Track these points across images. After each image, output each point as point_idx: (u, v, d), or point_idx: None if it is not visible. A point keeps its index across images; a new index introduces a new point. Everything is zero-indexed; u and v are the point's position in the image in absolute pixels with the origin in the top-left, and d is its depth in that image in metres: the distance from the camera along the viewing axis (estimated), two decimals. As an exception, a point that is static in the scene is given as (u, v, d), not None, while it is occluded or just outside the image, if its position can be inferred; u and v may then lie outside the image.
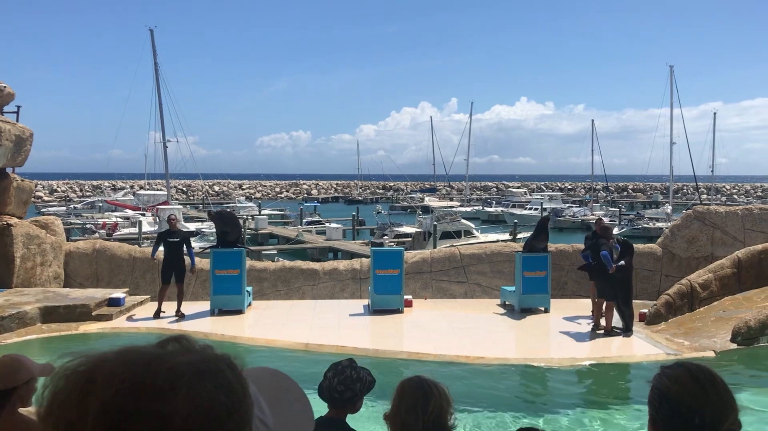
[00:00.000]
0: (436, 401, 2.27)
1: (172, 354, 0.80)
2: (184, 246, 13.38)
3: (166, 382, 0.75)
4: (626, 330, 11.95)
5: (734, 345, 11.09)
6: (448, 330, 12.39)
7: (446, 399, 2.32)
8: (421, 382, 2.33)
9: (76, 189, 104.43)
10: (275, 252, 36.45)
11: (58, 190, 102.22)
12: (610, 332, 11.95)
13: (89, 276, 15.33)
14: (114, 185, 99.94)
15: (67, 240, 16.76)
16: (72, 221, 47.18)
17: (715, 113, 72.81)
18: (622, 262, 11.89)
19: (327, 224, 47.21)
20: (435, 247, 29.88)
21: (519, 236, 37.74)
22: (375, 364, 10.54)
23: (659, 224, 49.44)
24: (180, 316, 13.13)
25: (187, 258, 13.38)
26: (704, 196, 78.70)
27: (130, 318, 13.13)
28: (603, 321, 12.12)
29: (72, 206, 64.28)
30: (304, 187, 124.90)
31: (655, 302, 13.45)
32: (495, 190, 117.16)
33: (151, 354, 0.79)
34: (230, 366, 0.83)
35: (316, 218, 53.72)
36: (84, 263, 15.37)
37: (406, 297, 14.09)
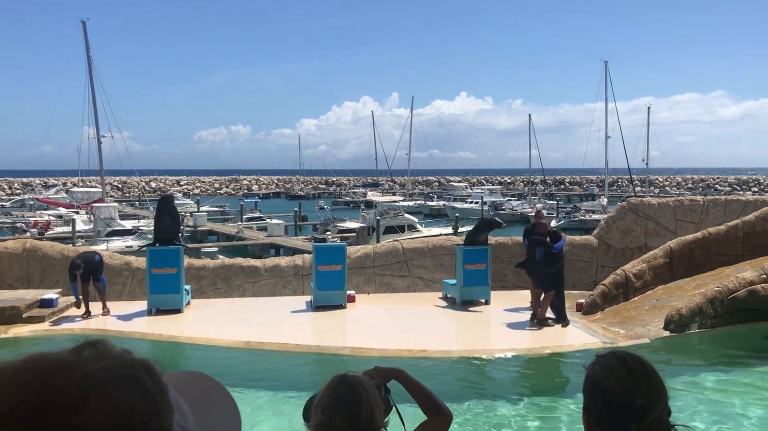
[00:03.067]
0: (366, 405, 2.25)
1: (85, 360, 0.74)
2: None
3: (77, 391, 0.69)
4: (561, 320, 12.22)
5: (667, 333, 11.47)
6: (391, 325, 12.42)
7: (375, 400, 2.30)
8: (349, 387, 2.29)
9: (5, 186, 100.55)
10: (215, 249, 35.86)
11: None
12: (543, 322, 12.20)
13: (20, 277, 14.76)
14: (45, 182, 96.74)
15: (-5, 240, 16.11)
16: (1, 220, 45.47)
17: (649, 107, 74.97)
18: (560, 242, 12.33)
19: (268, 220, 46.72)
20: (378, 242, 29.95)
21: (461, 230, 38.17)
22: (317, 361, 10.51)
23: (595, 216, 50.69)
24: (106, 313, 13.07)
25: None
26: (638, 188, 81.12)
27: (56, 323, 12.72)
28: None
29: (0, 205, 61.96)
30: (244, 182, 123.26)
31: (591, 292, 13.79)
32: (437, 184, 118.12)
33: (62, 361, 0.73)
34: (148, 372, 0.78)
35: (257, 214, 53.09)
36: (13, 263, 14.79)
37: (348, 292, 14.06)
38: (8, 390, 0.68)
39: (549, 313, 12.38)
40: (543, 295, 12.27)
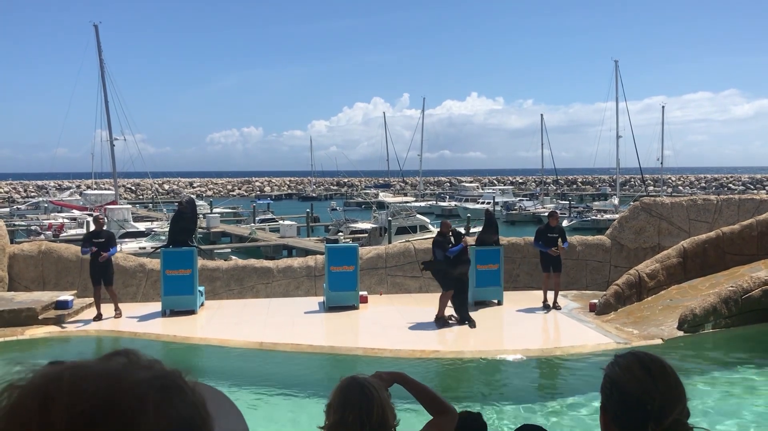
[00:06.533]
0: (377, 405, 2.27)
1: (128, 370, 0.74)
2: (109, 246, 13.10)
3: (132, 401, 0.70)
4: (464, 321, 12.29)
5: (681, 333, 11.41)
6: (404, 325, 12.42)
7: (386, 400, 2.32)
8: (360, 387, 2.30)
9: (20, 189, 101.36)
10: (228, 250, 36.03)
11: (1, 190, 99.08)
12: (443, 321, 12.25)
13: (35, 279, 14.88)
14: (59, 185, 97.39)
15: (11, 243, 16.25)
16: (16, 223, 45.90)
17: (663, 106, 74.68)
18: (458, 246, 12.31)
19: (280, 221, 46.85)
20: (390, 243, 29.95)
21: (472, 230, 38.11)
22: (331, 361, 10.53)
23: (607, 216, 50.47)
24: (118, 316, 13.02)
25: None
26: (650, 188, 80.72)
27: (71, 324, 12.81)
28: (450, 312, 12.49)
29: (15, 207, 62.51)
30: (257, 184, 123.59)
31: (604, 292, 13.73)
32: (448, 184, 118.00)
33: (110, 370, 0.73)
34: (185, 382, 0.78)
35: (270, 215, 53.25)
36: (29, 265, 14.91)
37: (361, 293, 14.08)
38: (65, 401, 0.68)
39: (453, 314, 12.49)
40: (442, 294, 12.37)
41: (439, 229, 13.03)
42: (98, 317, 12.88)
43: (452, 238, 12.54)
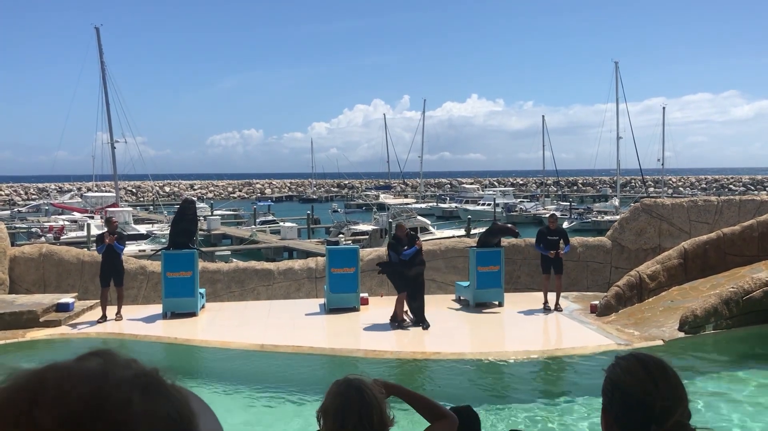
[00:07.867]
0: (375, 406, 2.25)
1: (111, 370, 0.73)
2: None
3: (119, 400, 0.69)
4: (420, 323, 12.28)
5: (682, 334, 11.40)
6: (404, 327, 12.40)
7: (381, 398, 2.31)
8: (357, 390, 2.28)
9: (21, 192, 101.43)
10: (229, 252, 36.02)
11: (2, 193, 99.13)
12: (400, 323, 12.22)
13: (36, 282, 14.88)
14: (60, 187, 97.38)
15: (12, 245, 16.25)
16: (17, 225, 45.87)
17: (664, 107, 74.67)
18: (411, 249, 12.29)
19: (281, 223, 46.85)
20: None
21: (473, 231, 38.12)
22: (332, 363, 10.53)
23: (607, 217, 50.44)
24: (119, 319, 12.98)
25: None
26: (651, 189, 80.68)
27: (72, 327, 12.81)
28: (409, 315, 12.53)
29: (16, 210, 62.50)
30: (258, 186, 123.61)
31: (605, 294, 13.72)
32: (449, 186, 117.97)
33: (92, 371, 0.72)
34: (165, 380, 0.77)
35: (270, 217, 53.23)
36: (30, 268, 14.92)
37: (362, 295, 14.08)
38: (52, 402, 0.67)
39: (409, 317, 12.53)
40: (397, 296, 12.38)
41: (393, 232, 13.10)
42: (103, 318, 12.88)
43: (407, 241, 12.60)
